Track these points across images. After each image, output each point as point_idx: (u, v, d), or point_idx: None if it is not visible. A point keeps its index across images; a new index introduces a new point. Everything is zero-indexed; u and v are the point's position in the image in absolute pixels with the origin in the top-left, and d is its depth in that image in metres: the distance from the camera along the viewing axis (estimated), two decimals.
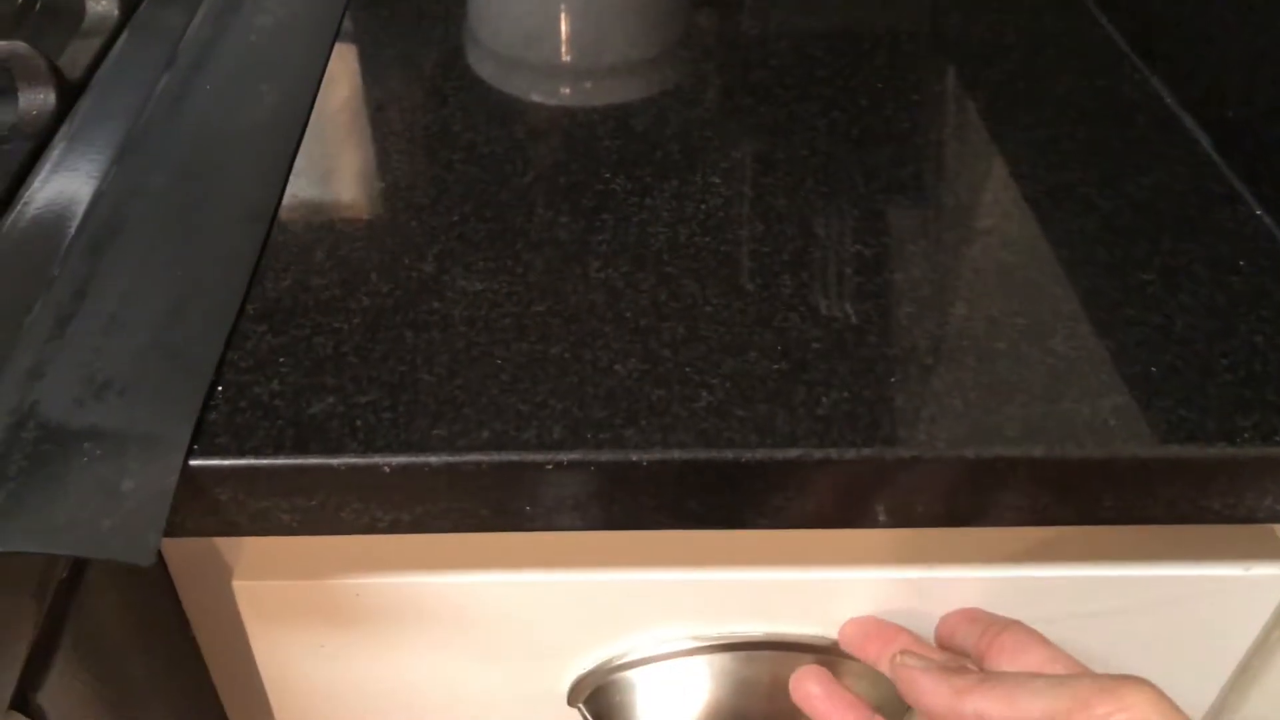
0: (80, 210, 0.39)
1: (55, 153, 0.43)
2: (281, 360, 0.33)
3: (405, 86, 0.47)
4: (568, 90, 0.49)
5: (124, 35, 0.50)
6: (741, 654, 0.39)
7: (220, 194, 0.40)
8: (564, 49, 0.53)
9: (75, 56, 0.48)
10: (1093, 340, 0.34)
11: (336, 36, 0.49)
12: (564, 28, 0.54)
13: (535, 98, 0.47)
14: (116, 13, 0.50)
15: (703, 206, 0.40)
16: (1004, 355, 0.34)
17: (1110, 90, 0.46)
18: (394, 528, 0.32)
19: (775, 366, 0.33)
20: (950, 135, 0.44)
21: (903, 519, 0.32)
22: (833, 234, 0.38)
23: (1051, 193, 0.41)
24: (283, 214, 0.39)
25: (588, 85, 0.49)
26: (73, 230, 0.38)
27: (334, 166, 0.42)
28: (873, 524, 0.32)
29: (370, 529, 0.32)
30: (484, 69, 0.48)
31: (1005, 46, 0.50)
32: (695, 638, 0.39)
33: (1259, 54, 0.40)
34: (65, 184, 0.41)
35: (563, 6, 0.55)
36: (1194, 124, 0.44)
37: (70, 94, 0.46)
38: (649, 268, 0.37)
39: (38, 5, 0.55)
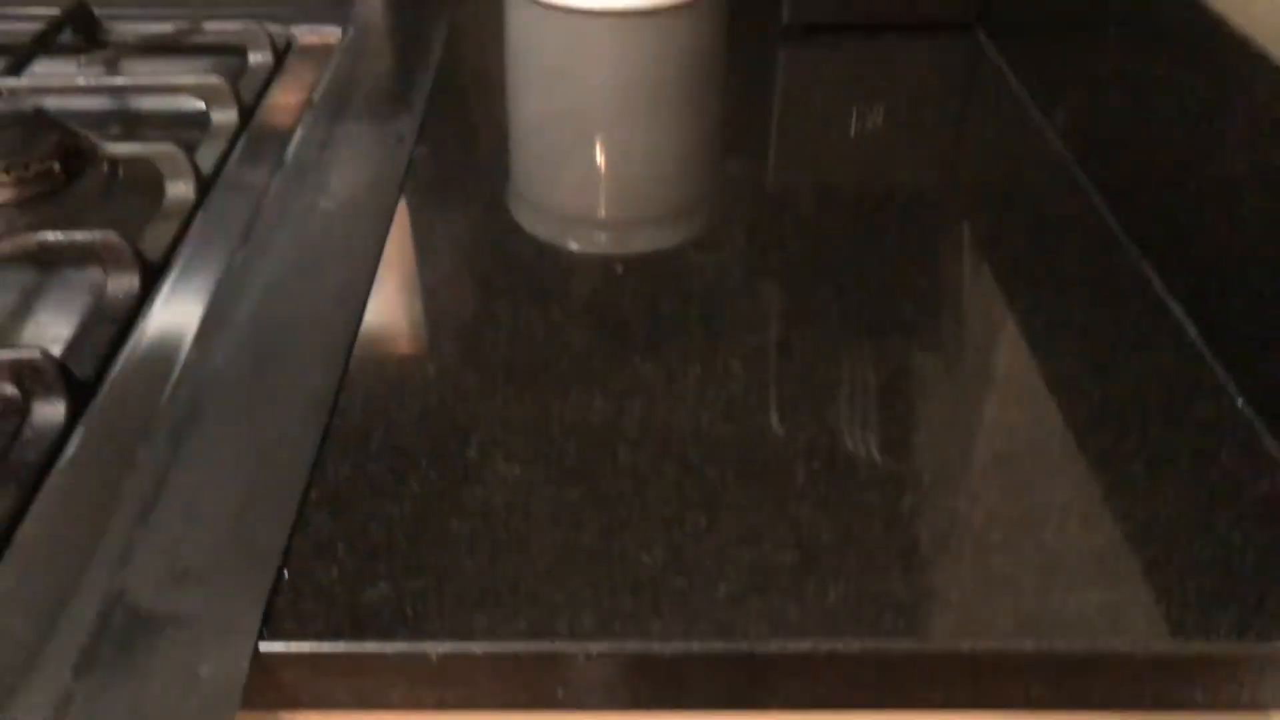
0: (161, 392, 0.43)
1: (137, 334, 0.47)
2: (340, 546, 0.37)
3: (454, 269, 0.51)
4: (604, 238, 0.54)
5: (199, 217, 0.55)
6: None
7: (287, 380, 0.44)
8: (602, 206, 0.57)
9: (156, 238, 0.53)
10: (1082, 533, 0.37)
11: (393, 220, 0.54)
12: (602, 187, 0.59)
13: (573, 246, 0.52)
14: (193, 196, 0.56)
15: (723, 393, 0.43)
16: (998, 548, 0.37)
17: (1105, 275, 0.50)
18: (440, 706, 0.35)
19: (787, 558, 0.36)
20: (954, 322, 0.48)
21: (904, 704, 0.35)
22: (842, 423, 0.42)
23: (1049, 380, 0.44)
24: (343, 400, 0.43)
25: (621, 253, 0.53)
26: (154, 413, 0.42)
27: (388, 352, 0.46)
28: (877, 708, 0.35)
29: (417, 707, 0.35)
30: (526, 241, 0.53)
31: (1010, 229, 0.54)
32: None
33: (1240, 255, 0.44)
34: (147, 366, 0.45)
35: (601, 167, 0.60)
36: (1182, 312, 0.47)
37: (151, 275, 0.50)
38: (674, 454, 0.40)
39: (119, 174, 0.61)
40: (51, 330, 0.55)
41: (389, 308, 0.49)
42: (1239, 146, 0.44)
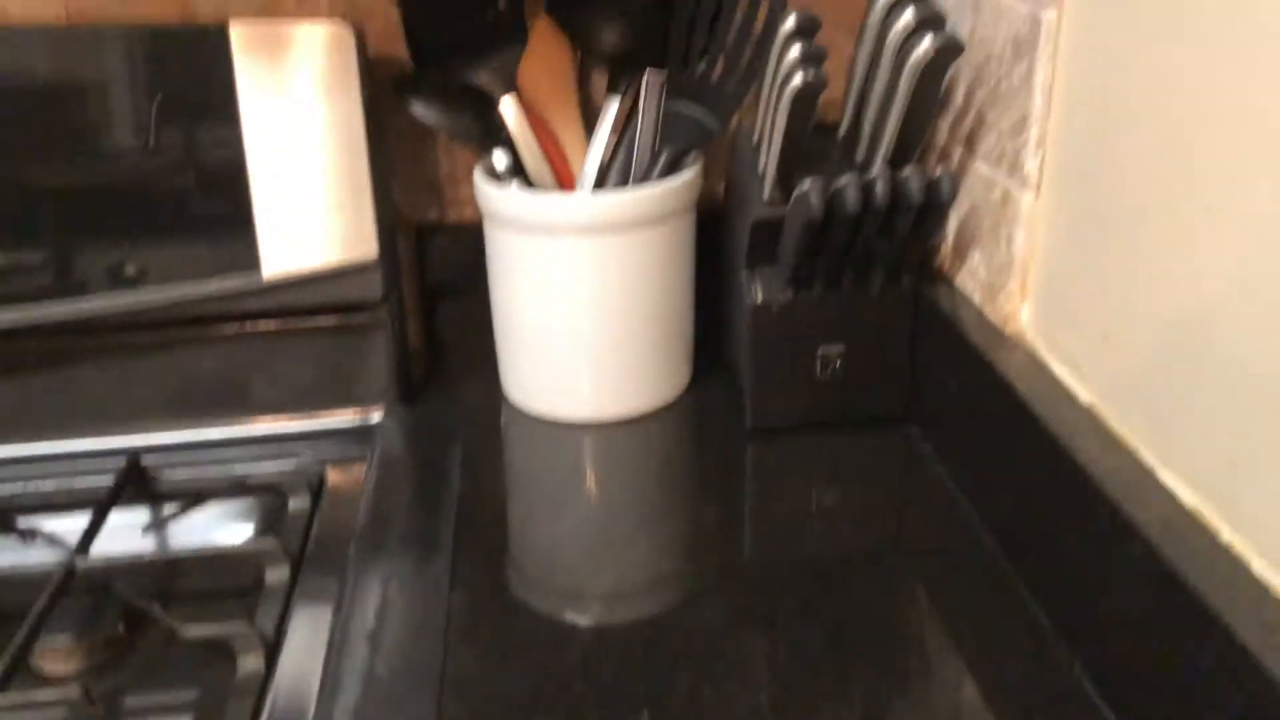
0: None
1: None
2: None
3: None
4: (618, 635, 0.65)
5: (269, 688, 0.63)
6: None
7: None
8: (606, 603, 0.67)
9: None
10: None
11: (442, 680, 0.62)
12: (604, 588, 0.69)
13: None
14: (263, 668, 0.64)
15: None
16: None
17: (1043, 682, 0.60)
18: None
19: None
20: None
21: None
22: None
23: None
24: None
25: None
26: None
27: None
28: None
29: None
30: (562, 693, 0.62)
31: (956, 635, 0.64)
32: None
33: (1160, 682, 0.54)
34: None
35: (602, 567, 0.71)
36: None
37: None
38: None
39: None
40: None
41: None
42: (1136, 586, 0.55)
